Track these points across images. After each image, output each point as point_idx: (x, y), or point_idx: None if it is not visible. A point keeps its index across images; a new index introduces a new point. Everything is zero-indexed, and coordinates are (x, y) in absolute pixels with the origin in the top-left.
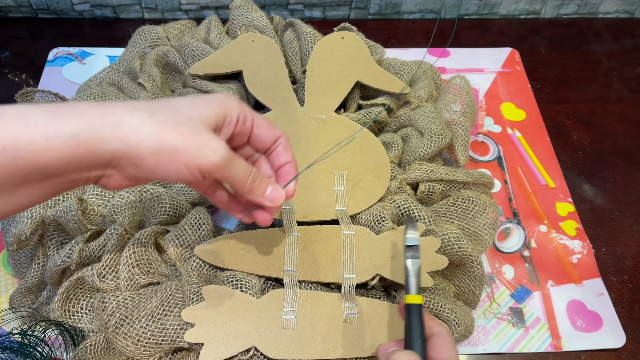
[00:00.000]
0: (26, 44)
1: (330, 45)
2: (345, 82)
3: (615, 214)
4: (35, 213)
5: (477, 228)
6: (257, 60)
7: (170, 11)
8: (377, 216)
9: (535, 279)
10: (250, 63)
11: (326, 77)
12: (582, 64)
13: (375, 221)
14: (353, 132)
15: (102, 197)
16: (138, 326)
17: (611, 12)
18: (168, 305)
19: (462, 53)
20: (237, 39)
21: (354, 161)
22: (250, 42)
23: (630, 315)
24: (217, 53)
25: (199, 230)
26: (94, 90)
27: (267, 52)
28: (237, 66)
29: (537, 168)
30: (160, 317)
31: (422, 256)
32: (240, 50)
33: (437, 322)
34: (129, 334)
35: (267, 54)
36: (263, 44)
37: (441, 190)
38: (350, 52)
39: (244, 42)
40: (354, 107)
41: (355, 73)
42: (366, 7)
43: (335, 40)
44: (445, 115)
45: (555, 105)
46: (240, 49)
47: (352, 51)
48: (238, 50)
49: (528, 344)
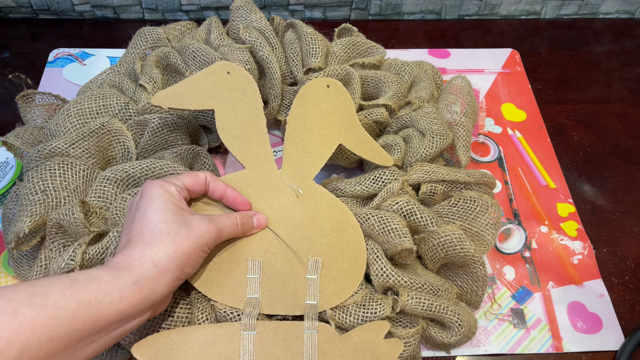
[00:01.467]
0: (26, 45)
1: (314, 94)
2: (327, 144)
3: (616, 214)
4: (34, 212)
5: (479, 228)
6: (231, 101)
7: (170, 12)
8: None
9: (536, 280)
10: (223, 103)
11: (307, 135)
12: (582, 64)
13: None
14: (332, 207)
15: (104, 199)
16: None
17: (611, 12)
18: (174, 298)
19: (462, 54)
20: (211, 68)
21: (330, 243)
22: (225, 75)
23: (631, 316)
24: (186, 82)
25: None
26: (95, 92)
27: (244, 91)
28: (207, 104)
29: (537, 169)
30: (168, 309)
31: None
32: (213, 82)
33: None
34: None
35: (244, 94)
36: (240, 80)
37: (443, 191)
38: (335, 106)
39: (218, 74)
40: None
41: (339, 134)
42: (367, 8)
43: (320, 89)
44: (447, 115)
45: (555, 106)
46: (213, 81)
47: (337, 105)
48: (211, 83)
49: (529, 345)
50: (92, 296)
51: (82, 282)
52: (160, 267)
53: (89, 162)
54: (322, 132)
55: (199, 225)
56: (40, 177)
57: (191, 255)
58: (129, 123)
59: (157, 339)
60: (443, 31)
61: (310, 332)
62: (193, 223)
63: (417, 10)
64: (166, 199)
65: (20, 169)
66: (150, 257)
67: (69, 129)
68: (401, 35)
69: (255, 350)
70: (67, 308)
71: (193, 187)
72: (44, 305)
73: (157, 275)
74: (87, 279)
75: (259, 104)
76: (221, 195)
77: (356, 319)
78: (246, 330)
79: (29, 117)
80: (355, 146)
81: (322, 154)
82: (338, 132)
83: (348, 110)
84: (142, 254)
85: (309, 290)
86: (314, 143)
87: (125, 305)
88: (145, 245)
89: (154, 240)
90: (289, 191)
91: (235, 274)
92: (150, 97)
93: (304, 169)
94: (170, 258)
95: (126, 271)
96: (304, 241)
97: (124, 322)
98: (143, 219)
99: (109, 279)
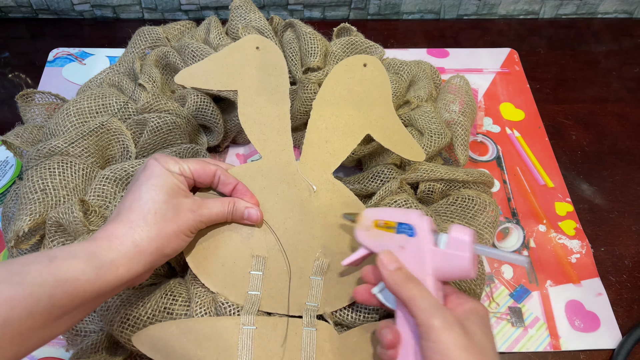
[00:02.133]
0: (26, 45)
1: (348, 74)
2: (353, 134)
3: (614, 213)
4: (34, 211)
5: (477, 227)
6: (256, 81)
7: (170, 11)
8: None
9: (534, 279)
10: (247, 84)
11: (333, 123)
12: (581, 64)
13: None
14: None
15: (104, 198)
16: (145, 317)
17: (610, 12)
18: (172, 294)
19: (461, 53)
20: (239, 43)
21: (338, 245)
22: (254, 50)
23: (629, 314)
24: (212, 58)
25: None
26: (94, 92)
27: (271, 70)
28: (232, 84)
29: (536, 168)
30: (167, 306)
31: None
32: (240, 59)
33: None
34: (137, 326)
35: (271, 73)
36: (269, 56)
37: (441, 190)
38: (370, 89)
39: (247, 48)
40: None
41: (368, 124)
42: (365, 8)
43: (356, 68)
44: (445, 115)
45: (554, 105)
46: (240, 58)
47: (372, 89)
48: (237, 59)
49: (527, 344)
50: (69, 274)
51: (60, 259)
52: (139, 248)
53: (88, 161)
54: (350, 121)
55: (187, 210)
56: (40, 176)
57: (172, 238)
58: (128, 122)
59: (157, 330)
60: (442, 31)
61: (308, 329)
62: (182, 207)
63: (415, 9)
64: (165, 177)
65: (19, 167)
66: (132, 236)
67: (68, 128)
68: (400, 35)
69: (254, 346)
70: (45, 285)
71: (199, 174)
72: (22, 283)
73: (135, 255)
74: (65, 256)
75: (286, 85)
76: (231, 191)
77: (357, 316)
78: (245, 325)
79: (29, 116)
80: (384, 137)
81: (346, 145)
82: (368, 121)
83: (383, 95)
84: (125, 233)
85: (311, 291)
86: (339, 133)
87: (102, 282)
88: (129, 223)
89: (139, 220)
90: (305, 185)
91: (239, 269)
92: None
93: (324, 161)
94: (151, 240)
95: (105, 249)
96: (313, 240)
97: (100, 297)
98: (136, 192)
99: (87, 257)
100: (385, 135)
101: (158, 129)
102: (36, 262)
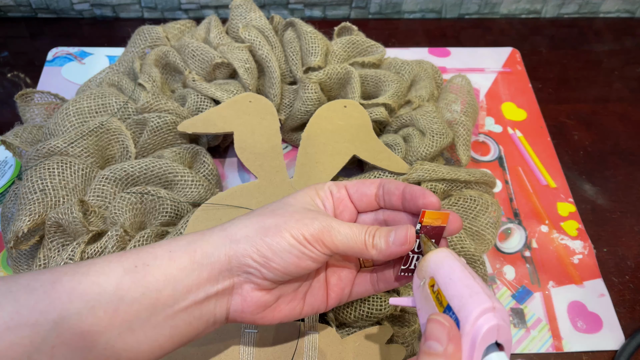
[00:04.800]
0: (25, 44)
1: (330, 114)
2: (340, 155)
3: (617, 214)
4: (33, 211)
5: (479, 227)
6: (251, 123)
7: (170, 10)
8: None
9: (536, 280)
10: (243, 125)
11: (321, 148)
12: (583, 63)
13: None
14: None
15: (103, 198)
16: None
17: (612, 11)
18: None
19: (462, 53)
20: (235, 98)
21: None
22: (247, 103)
23: (631, 315)
24: (211, 111)
25: None
26: (93, 91)
27: (263, 116)
28: (229, 127)
29: (538, 168)
30: None
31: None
32: (235, 110)
33: None
34: None
35: (263, 118)
36: (260, 106)
37: (443, 190)
38: (351, 122)
39: (241, 102)
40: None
41: (354, 146)
42: (366, 7)
43: (337, 109)
44: (447, 114)
45: (556, 105)
46: (235, 109)
47: (353, 121)
48: (233, 111)
49: (529, 345)
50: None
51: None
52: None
53: (87, 161)
54: (337, 145)
55: (306, 214)
56: (39, 176)
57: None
58: (128, 122)
59: None
60: (443, 30)
61: (311, 333)
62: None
63: (417, 9)
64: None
65: (19, 168)
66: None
67: (67, 128)
68: (401, 34)
69: (255, 349)
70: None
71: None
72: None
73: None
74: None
75: (276, 125)
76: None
77: (360, 314)
78: (247, 328)
79: (28, 116)
80: (371, 157)
81: (335, 163)
82: (353, 144)
83: (364, 125)
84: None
85: None
86: (327, 155)
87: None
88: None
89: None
90: None
91: None
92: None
93: (316, 177)
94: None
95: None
96: None
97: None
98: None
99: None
100: (370, 155)
101: (158, 128)
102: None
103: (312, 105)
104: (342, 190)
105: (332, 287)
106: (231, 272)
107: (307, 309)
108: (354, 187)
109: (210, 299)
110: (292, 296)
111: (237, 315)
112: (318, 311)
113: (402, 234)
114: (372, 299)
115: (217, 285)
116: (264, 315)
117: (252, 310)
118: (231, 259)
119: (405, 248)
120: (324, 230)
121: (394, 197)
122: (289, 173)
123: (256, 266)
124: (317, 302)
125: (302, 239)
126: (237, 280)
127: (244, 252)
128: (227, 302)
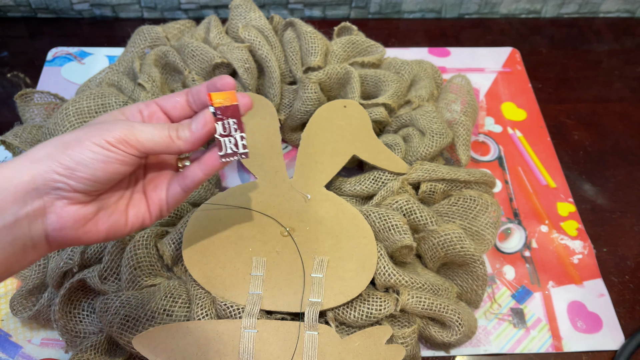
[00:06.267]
0: (25, 44)
1: (330, 114)
2: (340, 155)
3: (617, 214)
4: None
5: (479, 227)
6: (250, 123)
7: (169, 10)
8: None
9: (536, 280)
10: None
11: (321, 148)
12: (583, 63)
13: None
14: (342, 212)
15: None
16: (144, 319)
17: (612, 11)
18: (172, 297)
19: (462, 52)
20: None
21: (337, 245)
22: None
23: (631, 315)
24: None
25: None
26: (93, 91)
27: (263, 115)
28: None
29: (538, 168)
30: (166, 309)
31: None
32: None
33: None
34: (136, 328)
35: (263, 117)
36: (261, 106)
37: (443, 190)
38: (351, 122)
39: None
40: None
41: (354, 146)
42: (366, 6)
43: (337, 109)
44: (446, 114)
45: (556, 105)
46: None
47: (353, 122)
48: None
49: (529, 345)
50: None
51: None
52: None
53: None
54: (337, 145)
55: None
56: None
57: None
58: None
59: (158, 332)
60: (443, 30)
61: (310, 333)
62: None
63: (417, 8)
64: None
65: None
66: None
67: (67, 128)
68: (401, 34)
69: (255, 349)
70: None
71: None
72: None
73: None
74: None
75: (276, 125)
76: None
77: (360, 315)
78: (247, 328)
79: (28, 116)
80: (370, 157)
81: (335, 163)
82: (353, 144)
83: (364, 125)
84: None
85: (313, 288)
86: (327, 154)
87: None
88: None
89: None
90: (299, 197)
91: (239, 271)
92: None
93: (315, 177)
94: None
95: None
96: (310, 242)
97: None
98: None
99: None
100: (370, 155)
101: None
102: None
103: (311, 105)
104: (151, 105)
105: (151, 195)
106: (39, 192)
107: (132, 220)
108: (164, 99)
109: (21, 221)
110: (112, 208)
111: (57, 234)
112: (143, 223)
113: (200, 118)
114: (372, 299)
115: (25, 207)
116: (88, 230)
117: (72, 226)
118: (35, 178)
119: (208, 128)
120: (127, 132)
121: (202, 95)
122: (288, 173)
123: (62, 179)
124: (140, 213)
125: (105, 143)
126: (48, 199)
127: (47, 168)
128: (42, 223)
